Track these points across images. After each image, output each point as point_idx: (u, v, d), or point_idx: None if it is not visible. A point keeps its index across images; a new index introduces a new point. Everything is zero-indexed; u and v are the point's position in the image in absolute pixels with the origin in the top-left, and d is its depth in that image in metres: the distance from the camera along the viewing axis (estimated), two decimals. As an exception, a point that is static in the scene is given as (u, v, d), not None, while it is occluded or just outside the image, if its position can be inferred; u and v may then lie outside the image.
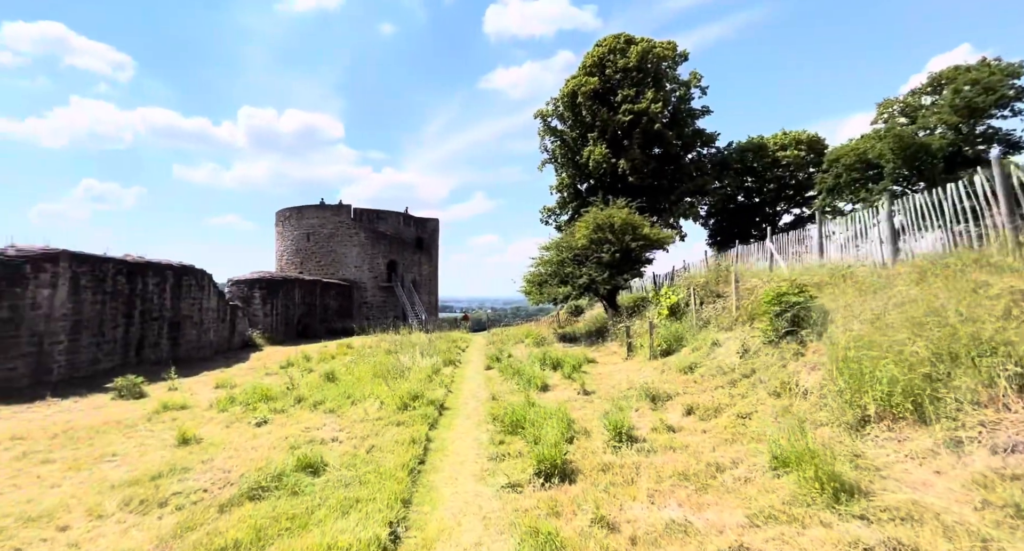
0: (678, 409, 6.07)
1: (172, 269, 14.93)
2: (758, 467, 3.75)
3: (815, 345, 5.58)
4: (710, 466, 4.01)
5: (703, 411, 5.59)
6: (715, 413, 5.44)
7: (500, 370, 11.43)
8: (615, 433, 5.11)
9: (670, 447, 4.77)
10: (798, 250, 9.72)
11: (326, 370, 10.87)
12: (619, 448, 4.91)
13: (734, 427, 4.89)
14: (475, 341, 22.12)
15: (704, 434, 4.99)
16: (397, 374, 10.23)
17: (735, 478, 3.70)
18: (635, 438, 5.12)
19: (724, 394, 5.90)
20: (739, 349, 6.89)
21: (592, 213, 17.15)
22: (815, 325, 5.98)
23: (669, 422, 5.50)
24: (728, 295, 9.65)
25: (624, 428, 5.11)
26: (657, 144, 31.00)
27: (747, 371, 6.19)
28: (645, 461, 4.48)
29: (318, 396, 8.47)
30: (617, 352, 13.15)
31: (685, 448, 4.67)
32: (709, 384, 6.54)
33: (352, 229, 32.37)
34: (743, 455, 4.13)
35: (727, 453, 4.30)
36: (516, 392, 8.96)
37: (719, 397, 5.85)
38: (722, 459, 4.16)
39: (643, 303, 16.17)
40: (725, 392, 5.98)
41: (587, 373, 10.48)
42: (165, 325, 14.57)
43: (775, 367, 5.78)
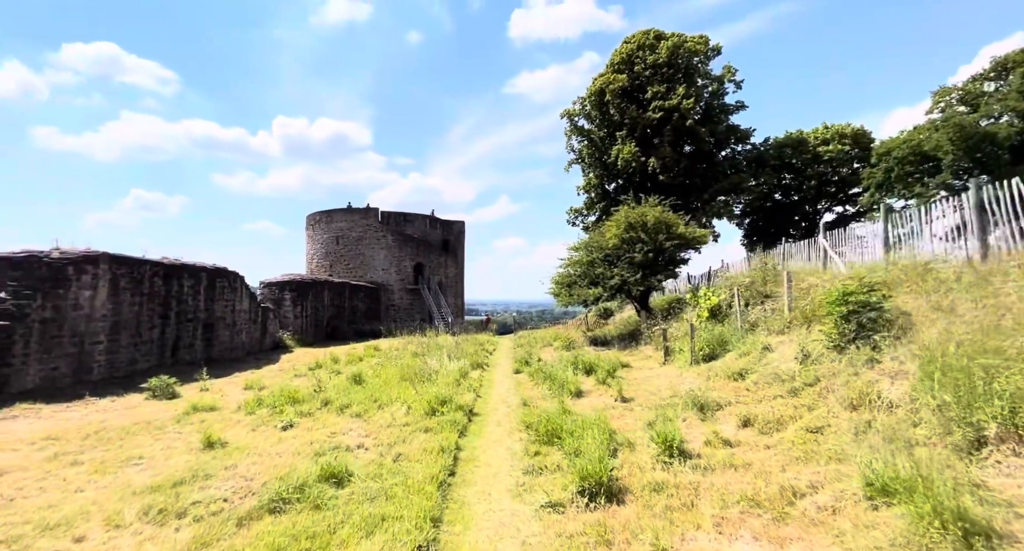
0: (732, 420, 5.48)
1: (206, 271, 15.21)
2: (847, 494, 3.18)
3: (894, 351, 4.90)
4: (784, 490, 3.45)
5: (763, 423, 4.99)
6: (778, 426, 4.83)
7: (530, 374, 10.99)
8: (664, 446, 4.59)
9: (729, 464, 4.22)
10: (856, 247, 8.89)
11: (353, 372, 10.70)
12: (670, 464, 4.39)
13: (804, 443, 4.29)
14: (502, 344, 21.76)
15: (768, 450, 4.40)
16: (424, 377, 9.95)
17: (819, 507, 3.14)
18: (687, 453, 4.58)
19: (785, 404, 5.28)
20: (797, 354, 6.22)
21: (623, 211, 16.53)
22: (890, 328, 5.28)
23: (724, 435, 4.93)
24: (778, 296, 8.92)
25: (675, 441, 4.59)
26: (689, 141, 29.97)
27: (810, 379, 5.54)
28: (703, 480, 3.95)
29: (345, 399, 8.26)
30: (652, 356, 12.49)
31: (748, 466, 4.11)
32: (764, 393, 5.91)
33: (380, 232, 32.66)
34: (823, 478, 3.55)
35: (801, 474, 3.73)
36: (548, 398, 8.51)
37: (780, 408, 5.23)
38: (796, 482, 3.59)
39: (678, 305, 15.41)
40: (786, 402, 5.35)
41: (622, 378, 9.91)
42: (199, 326, 14.84)
43: (845, 375, 5.12)
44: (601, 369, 10.21)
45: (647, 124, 29.22)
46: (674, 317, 14.27)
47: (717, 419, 5.72)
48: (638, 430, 5.71)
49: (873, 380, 4.69)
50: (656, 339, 13.30)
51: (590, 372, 10.55)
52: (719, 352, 8.96)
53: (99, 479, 4.91)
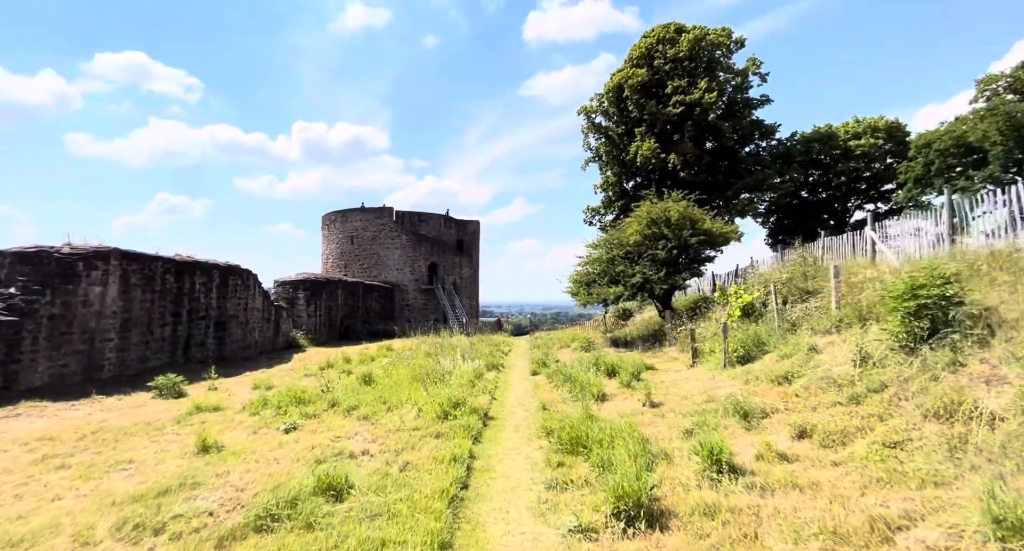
0: (783, 430, 4.80)
1: (218, 268, 15.03)
2: (963, 531, 2.51)
3: (982, 352, 4.17)
4: (874, 521, 2.79)
5: (824, 435, 4.30)
6: (843, 439, 4.14)
7: (548, 376, 10.39)
8: (711, 460, 3.95)
9: (792, 484, 3.56)
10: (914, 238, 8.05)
11: (364, 373, 10.26)
12: (718, 481, 3.76)
13: (882, 460, 3.60)
14: (518, 345, 21.17)
15: (837, 468, 3.73)
16: (437, 378, 9.44)
17: (928, 547, 2.48)
18: (738, 468, 3.93)
19: (847, 413, 4.58)
20: (854, 357, 5.49)
21: (645, 207, 15.81)
22: (973, 326, 4.54)
23: (778, 448, 4.26)
24: (822, 292, 8.15)
25: (723, 454, 3.94)
26: (711, 137, 28.99)
27: (874, 385, 4.82)
28: (763, 504, 3.31)
29: (353, 400, 7.79)
30: (678, 358, 11.75)
31: (816, 488, 3.45)
32: (818, 400, 5.20)
33: (394, 232, 32.45)
34: (920, 507, 2.88)
35: (889, 500, 3.06)
36: (569, 401, 7.90)
37: (841, 417, 4.53)
38: (885, 510, 2.93)
39: (704, 305, 14.61)
40: (848, 411, 4.64)
41: (648, 381, 9.22)
42: (211, 324, 14.64)
43: (921, 380, 4.40)
44: (625, 371, 9.55)
45: (667, 120, 28.35)
46: (700, 317, 13.49)
47: (764, 428, 5.04)
48: (674, 440, 5.07)
49: (961, 386, 3.97)
50: (682, 340, 12.55)
51: (613, 374, 9.89)
52: (755, 354, 8.23)
53: (81, 486, 4.50)
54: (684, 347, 12.34)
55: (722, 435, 4.32)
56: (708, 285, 20.07)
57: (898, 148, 27.43)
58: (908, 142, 27.38)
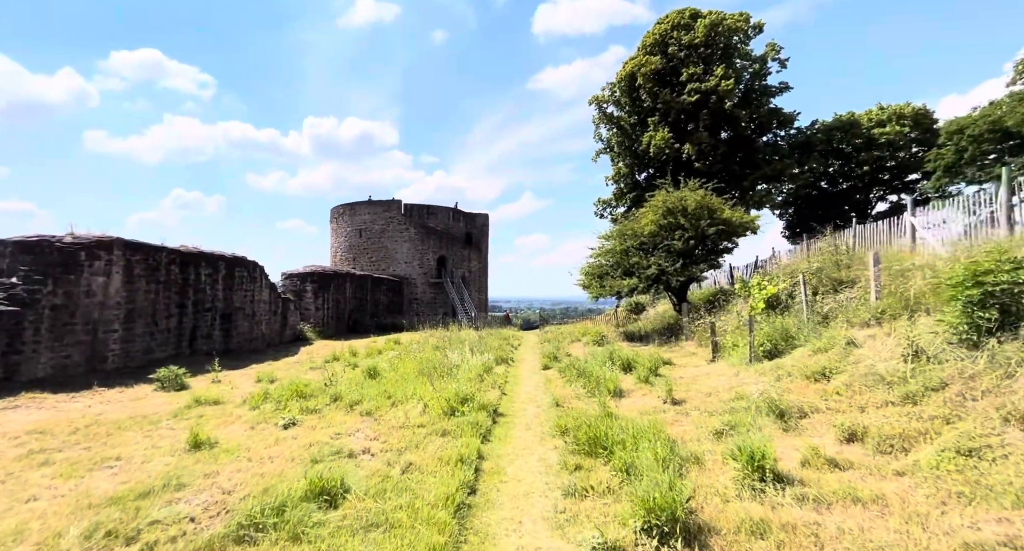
0: (827, 432, 4.30)
1: (224, 260, 14.80)
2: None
3: (1067, 346, 3.62)
4: (968, 548, 2.30)
5: (879, 439, 3.80)
6: (904, 444, 3.64)
7: (560, 371, 9.94)
8: (751, 466, 3.48)
9: (851, 497, 3.07)
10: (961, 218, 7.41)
11: (369, 366, 9.91)
12: (762, 492, 3.28)
13: (958, 471, 3.10)
14: (527, 339, 20.74)
15: (902, 479, 3.23)
16: (444, 372, 9.05)
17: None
18: (783, 476, 3.46)
19: (904, 415, 4.06)
20: (905, 351, 4.95)
21: (660, 196, 15.21)
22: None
23: (826, 452, 3.77)
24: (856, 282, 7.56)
25: (766, 459, 3.47)
26: (727, 126, 28.11)
27: (933, 383, 4.29)
28: (820, 520, 2.84)
29: (356, 395, 7.43)
30: (697, 353, 11.22)
31: (881, 502, 2.96)
32: (865, 398, 4.68)
33: (402, 225, 32.13)
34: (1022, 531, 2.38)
35: (980, 521, 2.57)
36: (583, 398, 7.45)
37: (897, 419, 4.02)
38: (978, 534, 2.44)
39: (722, 298, 14.01)
40: (903, 412, 4.13)
41: (667, 377, 8.74)
42: (217, 316, 14.44)
43: (991, 378, 3.87)
44: (641, 366, 9.07)
45: (682, 108, 27.51)
46: (719, 311, 12.91)
47: (804, 430, 4.54)
48: (703, 441, 4.60)
49: (1045, 385, 3.44)
50: (700, 334, 12.01)
51: (629, 369, 9.42)
52: (783, 348, 7.68)
53: (61, 484, 4.17)
54: (702, 341, 11.80)
55: (764, 437, 3.84)
56: (725, 278, 19.43)
57: (924, 136, 26.29)
58: (935, 130, 26.22)
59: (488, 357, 10.64)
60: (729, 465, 3.75)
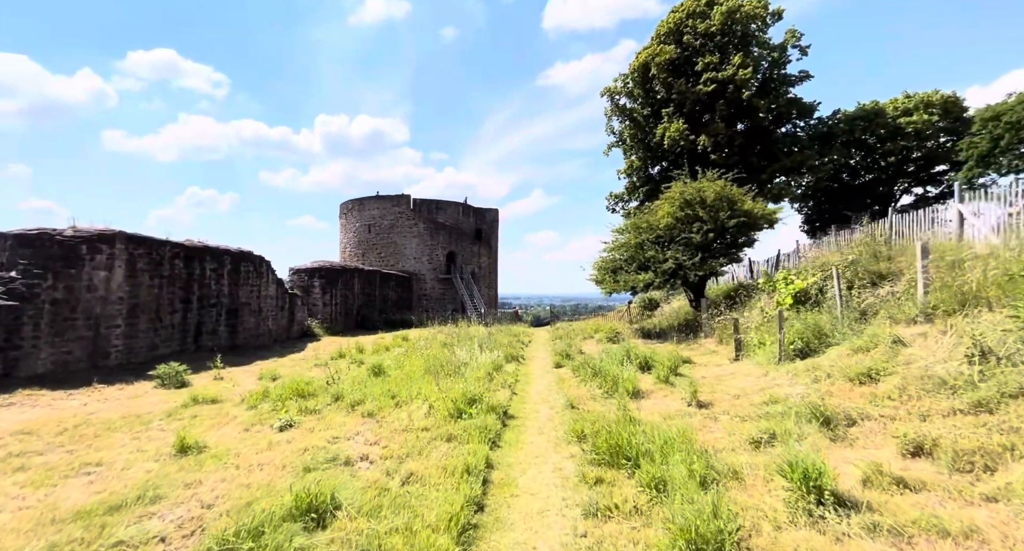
0: (885, 444, 3.76)
1: (230, 254, 14.55)
2: None
3: None
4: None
5: (954, 455, 3.26)
6: (987, 461, 3.09)
7: (573, 369, 9.45)
8: (806, 486, 2.96)
9: (936, 528, 2.55)
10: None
11: (375, 363, 9.53)
12: (821, 517, 2.78)
13: (1066, 498, 2.56)
14: (538, 336, 20.28)
15: (994, 505, 2.70)
16: (452, 371, 8.62)
17: None
18: (844, 498, 2.94)
19: (979, 425, 3.51)
20: (968, 351, 4.37)
21: (677, 187, 14.58)
22: None
23: (890, 469, 3.24)
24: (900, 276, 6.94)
25: (822, 478, 2.95)
26: (744, 117, 27.21)
27: (1010, 388, 3.72)
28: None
29: (358, 394, 7.03)
30: (717, 351, 10.64)
31: (976, 536, 2.44)
32: (925, 405, 4.13)
33: (411, 220, 31.81)
34: None
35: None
36: (600, 399, 6.97)
37: (971, 430, 3.47)
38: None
39: (743, 293, 13.37)
40: (977, 422, 3.58)
41: (688, 377, 8.21)
42: (223, 312, 14.21)
43: (1087, 383, 3.30)
44: (660, 365, 8.55)
45: (697, 99, 26.67)
46: (740, 307, 12.30)
47: (856, 440, 4.01)
48: (740, 451, 4.09)
49: None
50: (721, 331, 11.42)
51: (647, 368, 8.90)
52: (816, 347, 7.10)
53: (31, 494, 3.82)
54: (724, 339, 11.22)
55: (813, 450, 3.32)
56: (744, 272, 18.73)
57: (954, 125, 25.13)
58: (965, 119, 25.08)
59: (497, 355, 10.20)
60: (775, 482, 3.25)
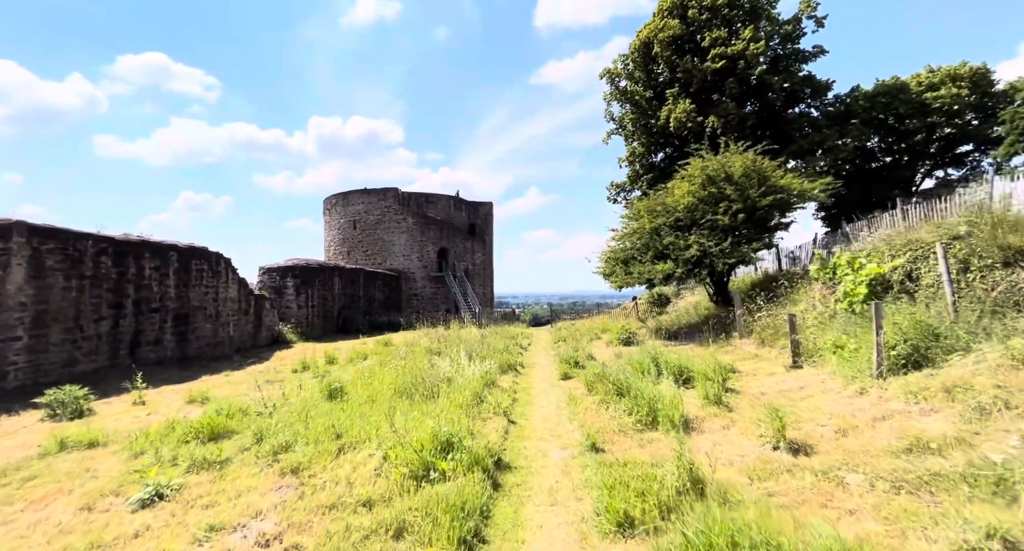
0: None
1: (177, 250, 12.42)
2: None
3: None
4: None
5: None
6: None
7: (587, 383, 7.39)
8: None
9: None
10: None
11: (332, 382, 7.43)
12: None
13: None
14: (538, 337, 18.25)
15: None
16: (429, 390, 6.55)
17: None
18: None
19: None
20: None
21: (697, 163, 12.57)
22: None
23: None
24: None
25: None
26: (755, 97, 25.26)
27: None
28: None
29: (291, 433, 4.96)
30: (761, 355, 8.63)
31: None
32: None
33: (399, 214, 29.67)
34: None
35: None
36: (632, 432, 4.93)
37: None
38: None
39: (778, 284, 11.36)
40: None
41: (740, 393, 6.20)
42: (168, 318, 12.07)
43: None
44: (702, 376, 6.52)
45: (704, 77, 24.66)
46: (782, 300, 10.29)
47: None
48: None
49: None
50: (761, 330, 9.40)
51: (683, 381, 6.87)
52: (933, 354, 5.09)
53: None
54: (766, 340, 9.22)
55: None
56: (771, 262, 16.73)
57: (982, 101, 23.26)
58: (995, 94, 23.21)
59: (489, 365, 8.13)
60: None
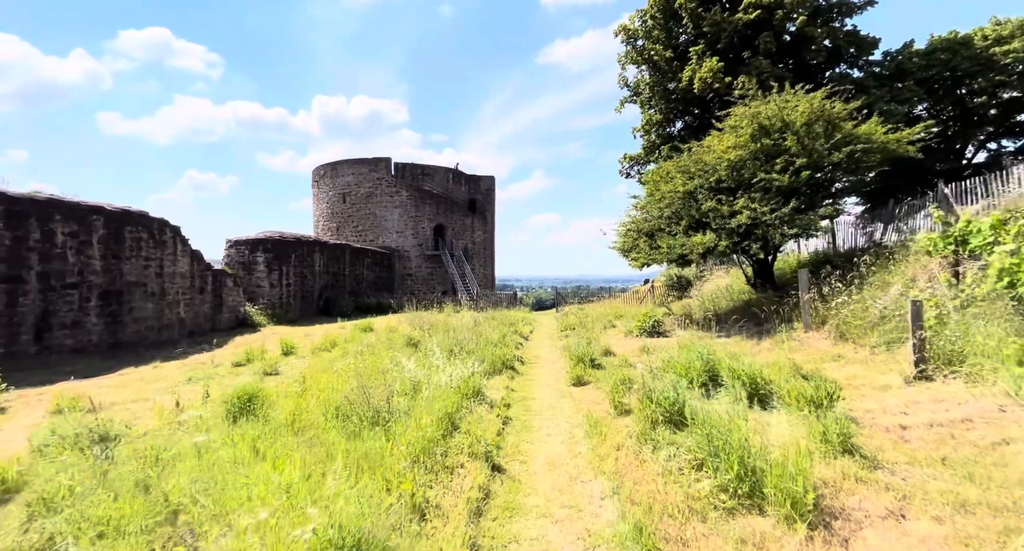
0: None
1: (102, 214, 10.16)
2: None
3: None
4: None
5: None
6: None
7: (613, 396, 5.14)
8: None
9: None
10: None
11: (256, 391, 5.22)
12: None
13: None
14: (541, 324, 16.07)
15: None
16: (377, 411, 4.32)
17: None
18: None
19: None
20: None
21: (738, 112, 10.05)
22: None
23: None
24: None
25: None
26: (791, 54, 22.31)
27: None
28: None
29: (105, 505, 2.76)
30: (846, 355, 6.35)
31: None
32: None
33: (393, 187, 27.20)
34: None
35: None
36: (711, 510, 2.71)
37: None
38: None
39: (868, 258, 8.98)
40: None
41: (861, 423, 3.95)
42: (93, 296, 9.91)
43: None
44: (795, 397, 4.26)
45: (734, 31, 21.67)
46: (860, 284, 7.93)
47: None
48: None
49: None
50: (851, 323, 7.03)
51: (759, 400, 4.61)
52: None
53: None
54: (847, 334, 6.90)
55: None
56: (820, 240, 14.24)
57: (1058, 57, 20.17)
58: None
59: (475, 366, 5.87)
60: None
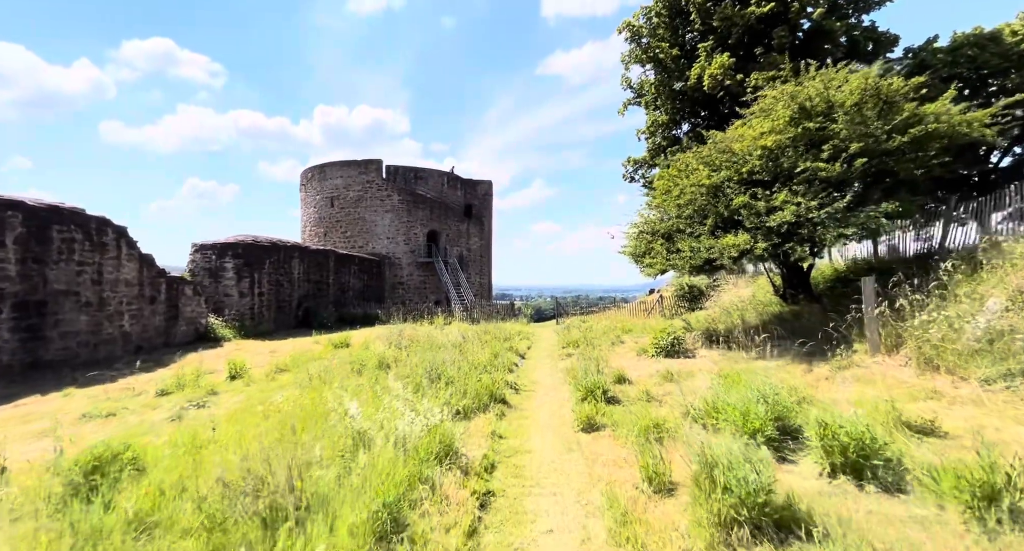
0: None
1: (20, 210, 8.59)
2: None
3: None
4: None
5: None
6: None
7: (643, 458, 3.54)
8: None
9: None
10: None
11: (115, 449, 3.60)
12: None
13: None
14: (540, 338, 14.41)
15: None
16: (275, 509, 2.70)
17: None
18: None
19: None
20: None
21: (773, 95, 8.58)
22: None
23: None
24: None
25: None
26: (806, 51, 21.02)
27: None
28: None
29: None
30: (943, 391, 4.74)
31: None
32: None
33: (384, 190, 25.73)
34: None
35: None
36: None
37: None
38: None
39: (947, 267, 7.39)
40: None
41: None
42: (5, 307, 8.29)
43: None
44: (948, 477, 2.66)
45: (747, 25, 20.37)
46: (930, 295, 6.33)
47: None
48: None
49: None
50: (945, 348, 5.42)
51: (856, 471, 2.99)
52: None
53: None
54: (935, 360, 5.30)
55: None
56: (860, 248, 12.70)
57: (1089, 55, 18.87)
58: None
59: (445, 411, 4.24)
60: None
